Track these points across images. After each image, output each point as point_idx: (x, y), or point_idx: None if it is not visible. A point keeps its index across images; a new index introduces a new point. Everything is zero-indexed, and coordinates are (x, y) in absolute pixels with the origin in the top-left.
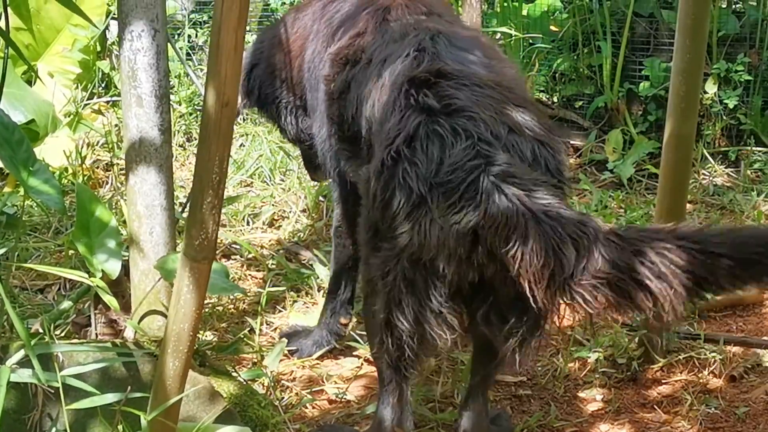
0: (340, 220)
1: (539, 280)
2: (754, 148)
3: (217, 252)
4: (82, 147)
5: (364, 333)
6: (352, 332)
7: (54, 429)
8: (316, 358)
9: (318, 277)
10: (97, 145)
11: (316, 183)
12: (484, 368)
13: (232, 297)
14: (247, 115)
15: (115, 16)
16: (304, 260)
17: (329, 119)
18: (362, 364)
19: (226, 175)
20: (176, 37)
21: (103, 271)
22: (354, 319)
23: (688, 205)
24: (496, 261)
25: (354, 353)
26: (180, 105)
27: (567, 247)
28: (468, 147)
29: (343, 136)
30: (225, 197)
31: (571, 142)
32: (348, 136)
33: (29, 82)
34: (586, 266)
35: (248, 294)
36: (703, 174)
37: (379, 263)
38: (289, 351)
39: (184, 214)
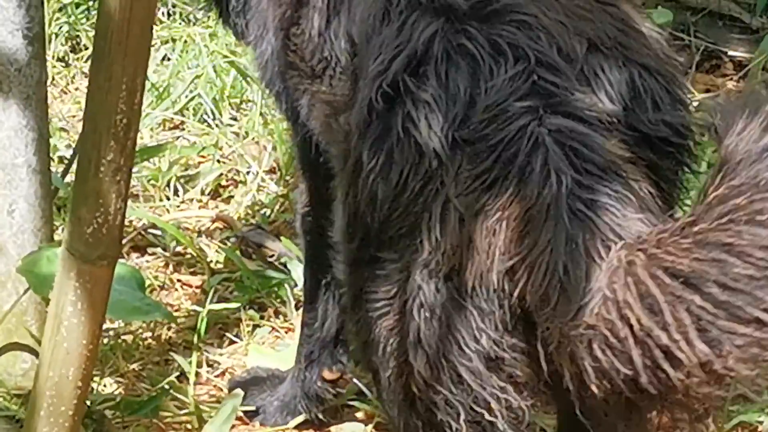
0: (308, 202)
1: None
2: None
3: (125, 243)
4: None
5: (371, 380)
6: (354, 379)
7: None
8: (294, 427)
9: (295, 285)
10: None
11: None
12: None
13: (149, 321)
14: (174, 7)
15: None
16: (271, 256)
17: (279, 30)
18: None
19: (139, 114)
20: None
21: None
22: (350, 364)
23: None
24: None
25: (356, 414)
26: None
27: None
28: (518, 76)
29: (302, 67)
30: (138, 149)
31: (730, 53)
32: (311, 67)
33: None
34: None
35: (177, 314)
36: None
37: (378, 288)
38: (245, 413)
39: (69, 179)
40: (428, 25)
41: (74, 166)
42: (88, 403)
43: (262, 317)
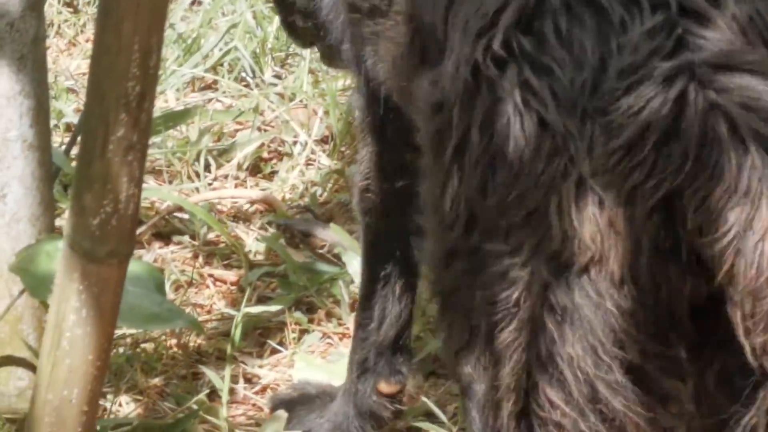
0: (369, 172)
1: None
2: None
3: (146, 230)
4: None
5: (444, 397)
6: (423, 397)
7: None
8: None
9: (351, 281)
10: None
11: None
12: None
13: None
14: None
15: None
16: (322, 246)
17: None
18: None
19: (155, 80)
20: None
21: None
22: (417, 377)
23: None
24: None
25: None
26: None
27: None
28: (658, 28)
29: (363, 6)
30: (161, 115)
31: None
32: (372, 5)
33: None
34: None
35: (208, 318)
36: None
37: (493, 291)
38: None
39: (73, 156)
40: None
41: (78, 142)
42: (98, 428)
43: (310, 321)
